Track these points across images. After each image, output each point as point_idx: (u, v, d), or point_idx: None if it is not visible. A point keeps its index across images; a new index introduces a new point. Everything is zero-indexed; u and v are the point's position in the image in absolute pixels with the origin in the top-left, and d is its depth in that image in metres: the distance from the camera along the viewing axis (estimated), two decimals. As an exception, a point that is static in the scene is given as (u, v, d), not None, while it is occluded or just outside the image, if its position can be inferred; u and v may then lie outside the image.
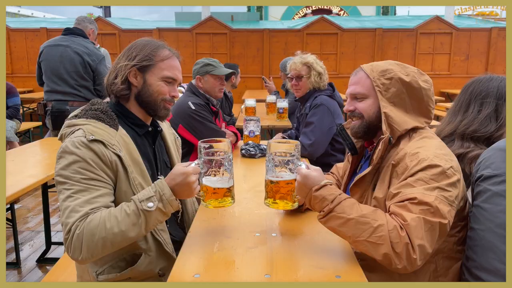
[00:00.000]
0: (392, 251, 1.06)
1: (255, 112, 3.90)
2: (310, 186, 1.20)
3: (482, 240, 1.13)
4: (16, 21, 10.42)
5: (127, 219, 1.16)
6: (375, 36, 7.98)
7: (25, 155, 2.68)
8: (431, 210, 1.09)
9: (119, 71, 1.38)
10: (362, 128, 1.38)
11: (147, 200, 1.18)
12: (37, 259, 2.94)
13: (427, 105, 1.35)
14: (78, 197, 1.18)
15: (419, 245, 1.06)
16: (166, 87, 1.41)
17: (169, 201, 1.20)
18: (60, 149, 1.24)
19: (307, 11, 18.18)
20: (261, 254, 1.21)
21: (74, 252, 1.14)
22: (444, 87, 7.95)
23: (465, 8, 15.43)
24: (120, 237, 1.16)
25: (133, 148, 1.36)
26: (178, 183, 1.21)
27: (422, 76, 1.36)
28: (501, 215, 1.09)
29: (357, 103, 1.39)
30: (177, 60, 1.46)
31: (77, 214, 1.15)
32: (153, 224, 1.21)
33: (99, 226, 1.14)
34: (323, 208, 1.17)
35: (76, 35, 3.57)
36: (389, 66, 1.35)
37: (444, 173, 1.14)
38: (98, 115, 1.34)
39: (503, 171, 1.12)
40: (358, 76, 1.39)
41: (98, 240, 1.14)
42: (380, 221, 1.10)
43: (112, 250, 1.19)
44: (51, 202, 3.75)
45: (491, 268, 1.09)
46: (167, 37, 7.89)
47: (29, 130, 5.70)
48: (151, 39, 1.46)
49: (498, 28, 8.09)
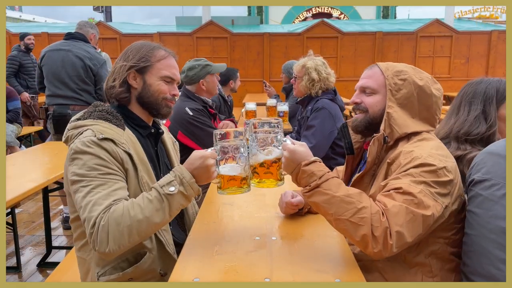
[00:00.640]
0: (371, 234, 1.06)
1: (255, 115, 3.90)
2: (298, 161, 1.20)
3: (475, 245, 1.13)
4: (17, 26, 10.46)
5: (150, 205, 1.17)
6: (375, 40, 7.99)
7: (26, 159, 2.69)
8: (414, 201, 1.09)
9: (117, 75, 1.40)
10: (363, 123, 1.38)
11: (168, 185, 1.20)
12: (37, 263, 2.94)
13: (434, 113, 1.35)
14: (99, 191, 1.18)
15: (397, 231, 1.06)
16: (166, 86, 1.43)
17: (190, 183, 1.21)
18: (71, 151, 1.24)
19: (308, 15, 18.23)
20: (261, 258, 1.20)
21: (101, 244, 1.13)
22: (445, 90, 7.83)
23: (465, 11, 15.47)
24: (145, 224, 1.15)
25: (139, 147, 1.38)
26: (197, 167, 1.22)
27: (435, 84, 1.36)
28: (492, 221, 1.09)
29: (364, 96, 1.39)
30: (173, 59, 1.47)
31: (100, 207, 1.15)
32: (176, 208, 1.21)
33: (123, 215, 1.14)
34: (309, 183, 1.17)
35: (78, 40, 3.59)
36: (404, 68, 1.36)
37: (435, 172, 1.14)
38: (105, 115, 1.35)
39: (493, 175, 1.11)
40: (373, 70, 1.39)
41: (123, 229, 1.13)
42: (364, 203, 1.10)
43: (138, 239, 1.18)
44: (51, 207, 3.75)
45: (485, 273, 1.09)
46: (168, 41, 7.91)
47: (30, 134, 5.71)
48: (146, 41, 1.47)
49: (498, 31, 8.10)
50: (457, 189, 1.19)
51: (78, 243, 1.38)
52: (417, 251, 1.24)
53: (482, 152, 1.22)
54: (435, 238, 1.22)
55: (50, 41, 7.31)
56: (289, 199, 1.50)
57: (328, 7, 18.40)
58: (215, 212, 1.60)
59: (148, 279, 1.37)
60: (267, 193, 1.81)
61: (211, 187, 1.93)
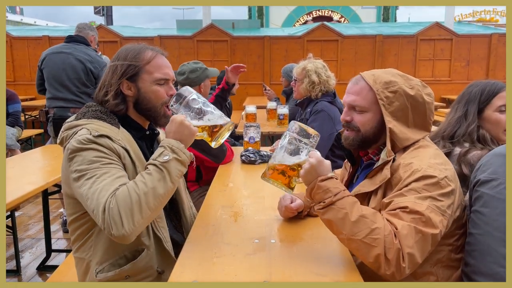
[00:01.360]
0: (384, 255, 1.05)
1: (255, 118, 3.90)
2: (318, 174, 1.19)
3: (480, 244, 1.13)
4: (18, 29, 10.50)
5: (151, 177, 1.18)
6: (376, 43, 8.00)
7: (26, 162, 2.69)
8: (422, 219, 1.07)
9: (108, 87, 1.37)
10: (357, 142, 1.34)
11: (160, 155, 1.23)
12: (37, 266, 2.94)
13: (428, 119, 1.32)
14: (104, 178, 1.18)
15: (409, 253, 1.04)
16: (162, 89, 1.40)
17: (180, 148, 1.24)
18: (68, 151, 1.24)
19: (308, 18, 18.28)
20: (260, 261, 1.20)
21: (116, 227, 1.10)
22: (445, 93, 7.94)
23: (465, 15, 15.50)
24: (152, 196, 1.16)
25: (135, 146, 1.38)
26: (175, 130, 1.27)
27: (425, 89, 1.31)
28: (499, 218, 1.09)
29: (355, 114, 1.33)
30: (162, 57, 1.43)
31: (108, 192, 1.14)
32: (175, 174, 1.22)
33: (130, 192, 1.14)
34: (324, 199, 1.16)
35: (79, 43, 3.61)
36: (392, 78, 1.29)
37: (437, 184, 1.13)
38: (99, 115, 1.35)
39: (501, 175, 1.12)
40: (360, 86, 1.32)
41: (133, 206, 1.13)
42: (378, 224, 1.09)
43: (150, 213, 1.17)
44: (51, 209, 3.75)
45: (489, 272, 1.09)
46: (169, 45, 7.93)
47: (30, 137, 5.72)
48: (131, 44, 1.44)
49: (498, 34, 8.10)
50: (458, 196, 1.19)
51: (76, 245, 1.37)
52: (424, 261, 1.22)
53: (488, 154, 1.23)
54: (439, 246, 1.20)
55: (51, 44, 7.32)
56: (288, 204, 1.50)
57: (328, 11, 18.45)
58: (214, 214, 1.59)
59: (145, 276, 1.36)
60: (267, 196, 1.81)
61: (211, 189, 1.93)
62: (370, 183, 1.29)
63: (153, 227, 1.36)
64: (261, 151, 2.50)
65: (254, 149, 2.53)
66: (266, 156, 2.47)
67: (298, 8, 18.39)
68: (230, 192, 1.91)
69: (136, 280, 1.35)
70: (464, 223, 1.25)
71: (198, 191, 2.59)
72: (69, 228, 1.38)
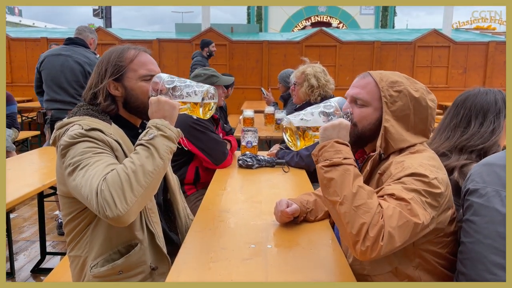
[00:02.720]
0: (367, 229, 1.03)
1: (253, 123, 3.90)
2: (338, 136, 1.19)
3: (471, 252, 1.13)
4: (17, 30, 10.50)
5: (138, 156, 1.18)
6: (374, 49, 8.05)
7: (22, 164, 2.68)
8: (408, 207, 1.06)
9: (95, 89, 1.39)
10: (352, 137, 1.31)
11: (146, 135, 1.23)
12: (31, 269, 2.92)
13: (429, 125, 1.31)
14: (97, 165, 1.17)
15: (389, 232, 1.02)
16: (148, 85, 1.40)
17: (165, 125, 1.25)
18: (60, 147, 1.24)
19: (307, 23, 18.36)
20: (256, 266, 1.20)
21: (109, 208, 1.09)
22: (442, 100, 7.97)
23: (463, 22, 15.61)
24: (141, 172, 1.15)
25: (128, 142, 1.38)
26: (155, 110, 1.29)
27: (429, 94, 1.32)
28: (488, 226, 1.09)
29: (355, 107, 1.32)
30: (145, 54, 1.44)
31: (100, 177, 1.14)
32: (164, 150, 1.22)
33: (119, 172, 1.14)
34: (332, 157, 1.14)
35: (78, 45, 3.60)
36: (398, 78, 1.30)
37: (427, 183, 1.12)
38: (90, 112, 1.36)
39: (489, 183, 1.12)
40: (366, 80, 1.32)
41: (124, 184, 1.12)
42: (373, 201, 1.07)
43: (142, 191, 1.15)
44: (47, 212, 3.72)
45: (480, 279, 1.09)
46: (167, 48, 7.94)
47: (27, 139, 5.70)
48: (115, 46, 1.46)
49: (496, 42, 8.16)
50: (446, 201, 1.17)
51: (71, 245, 1.37)
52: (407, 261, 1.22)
53: (477, 164, 1.23)
54: (423, 250, 1.21)
55: (49, 46, 7.32)
56: (284, 208, 1.49)
57: (327, 16, 18.54)
58: (211, 219, 1.59)
59: (138, 272, 1.36)
60: (263, 200, 1.81)
61: (207, 194, 1.93)
62: None
63: (147, 221, 1.36)
64: (258, 156, 2.50)
65: (252, 153, 2.53)
66: (263, 161, 2.47)
67: (296, 13, 18.47)
68: (227, 197, 1.90)
69: (129, 276, 1.34)
70: (453, 232, 1.25)
71: (195, 194, 2.59)
72: (65, 230, 1.37)
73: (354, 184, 1.09)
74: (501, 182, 1.09)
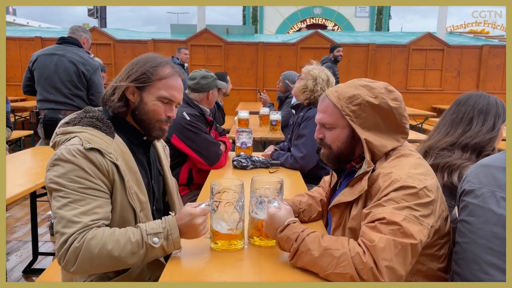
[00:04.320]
0: (358, 276, 1.04)
1: (248, 124, 3.90)
2: (276, 227, 1.21)
3: (465, 252, 1.13)
4: (11, 29, 10.42)
5: (129, 246, 1.15)
6: (368, 51, 8.09)
7: (15, 163, 2.66)
8: (400, 230, 1.07)
9: (117, 87, 1.36)
10: (331, 158, 1.36)
11: (154, 234, 1.18)
12: (23, 269, 2.89)
13: (400, 122, 1.32)
14: (76, 207, 1.15)
15: (387, 266, 1.03)
16: (161, 107, 1.37)
17: (174, 242, 1.20)
18: (55, 156, 1.22)
19: (302, 25, 18.41)
20: (251, 266, 1.20)
21: (66, 263, 1.12)
22: (436, 103, 8.04)
23: (457, 26, 15.73)
24: (115, 262, 1.15)
25: (129, 156, 1.35)
26: (184, 224, 1.21)
27: (391, 94, 1.31)
28: (484, 226, 1.10)
29: (326, 131, 1.36)
30: (178, 79, 1.40)
31: (76, 226, 1.12)
32: (150, 258, 1.20)
33: (99, 246, 1.12)
34: (289, 248, 1.17)
35: (71, 44, 3.58)
36: (355, 91, 1.29)
37: (416, 194, 1.13)
38: (94, 122, 1.32)
39: (485, 184, 1.13)
40: (325, 103, 1.35)
41: (94, 260, 1.12)
42: (342, 249, 1.08)
43: (104, 270, 1.19)
44: (39, 212, 3.70)
45: (475, 279, 1.10)
46: (162, 49, 7.93)
47: (20, 138, 5.66)
48: (157, 55, 1.42)
49: (489, 46, 8.25)
50: (439, 206, 1.18)
51: None
52: None
53: (474, 165, 1.24)
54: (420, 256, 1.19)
55: (43, 45, 7.29)
56: None
57: (322, 19, 18.60)
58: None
59: None
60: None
61: (201, 194, 1.92)
62: (350, 192, 1.30)
63: None
64: (253, 157, 2.50)
65: (246, 154, 2.53)
66: (258, 162, 2.47)
67: (292, 16, 18.52)
68: (221, 197, 1.89)
69: None
70: (447, 233, 1.26)
71: (189, 195, 2.58)
72: None
73: (316, 252, 1.11)
74: (497, 183, 1.10)
